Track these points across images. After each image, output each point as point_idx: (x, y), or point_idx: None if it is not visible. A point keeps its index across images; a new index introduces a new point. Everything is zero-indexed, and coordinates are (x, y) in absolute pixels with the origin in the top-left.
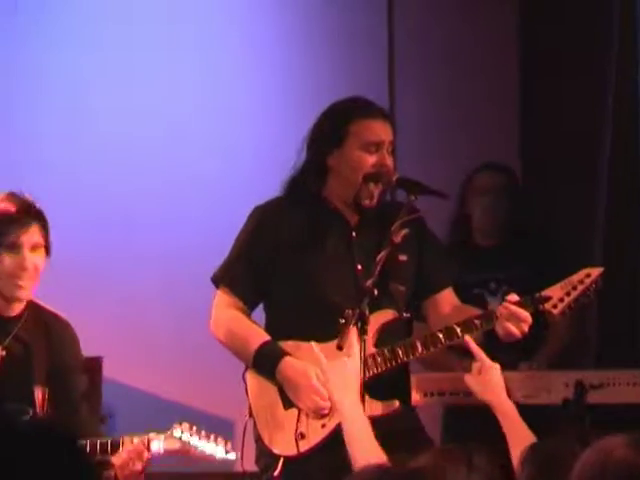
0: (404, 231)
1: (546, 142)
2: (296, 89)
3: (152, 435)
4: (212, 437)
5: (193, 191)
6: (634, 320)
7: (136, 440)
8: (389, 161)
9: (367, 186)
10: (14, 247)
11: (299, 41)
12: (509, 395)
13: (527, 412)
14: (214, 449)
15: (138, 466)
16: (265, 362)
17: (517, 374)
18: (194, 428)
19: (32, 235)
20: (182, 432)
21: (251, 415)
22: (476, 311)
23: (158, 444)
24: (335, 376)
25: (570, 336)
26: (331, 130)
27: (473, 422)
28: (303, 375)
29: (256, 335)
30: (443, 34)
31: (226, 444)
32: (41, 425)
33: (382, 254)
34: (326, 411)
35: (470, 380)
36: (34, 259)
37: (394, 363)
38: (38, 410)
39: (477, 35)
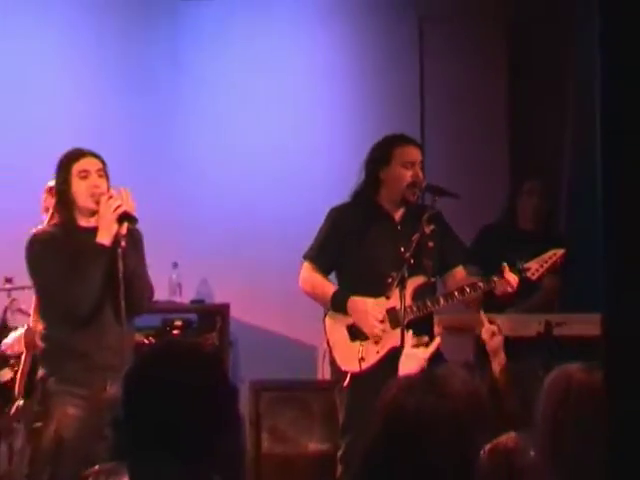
0: (432, 226)
1: (526, 162)
2: (355, 130)
3: None
4: None
5: (299, 192)
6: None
7: None
8: (420, 174)
9: (408, 191)
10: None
11: (355, 102)
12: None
13: (512, 342)
14: None
15: None
16: (338, 302)
17: (505, 315)
18: None
19: None
20: None
21: (328, 345)
22: (478, 279)
23: None
24: (406, 361)
25: (553, 297)
26: (381, 154)
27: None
28: (363, 304)
29: (331, 287)
30: (454, 91)
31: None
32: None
33: (415, 236)
34: (377, 330)
35: (486, 335)
36: None
37: (424, 311)
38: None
39: (475, 92)
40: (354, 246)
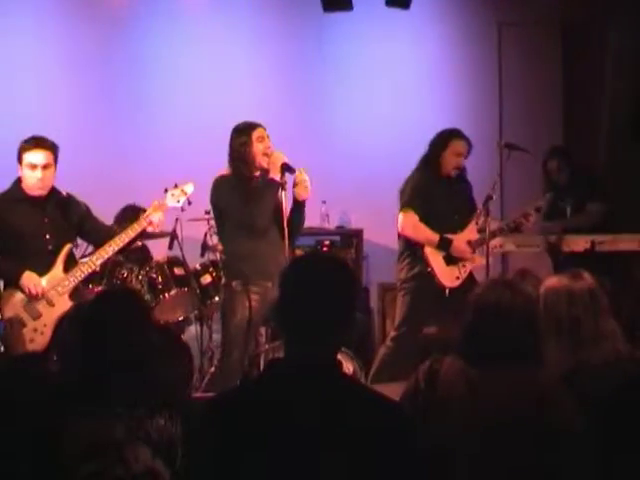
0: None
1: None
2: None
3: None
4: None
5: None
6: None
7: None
8: (462, 162)
9: (452, 171)
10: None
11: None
12: None
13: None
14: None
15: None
16: (444, 245)
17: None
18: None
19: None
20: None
21: (431, 267)
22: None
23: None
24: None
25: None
26: (440, 142)
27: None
28: (460, 246)
29: (433, 233)
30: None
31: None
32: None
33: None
34: (468, 256)
35: None
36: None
37: (484, 243)
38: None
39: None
40: (430, 199)
